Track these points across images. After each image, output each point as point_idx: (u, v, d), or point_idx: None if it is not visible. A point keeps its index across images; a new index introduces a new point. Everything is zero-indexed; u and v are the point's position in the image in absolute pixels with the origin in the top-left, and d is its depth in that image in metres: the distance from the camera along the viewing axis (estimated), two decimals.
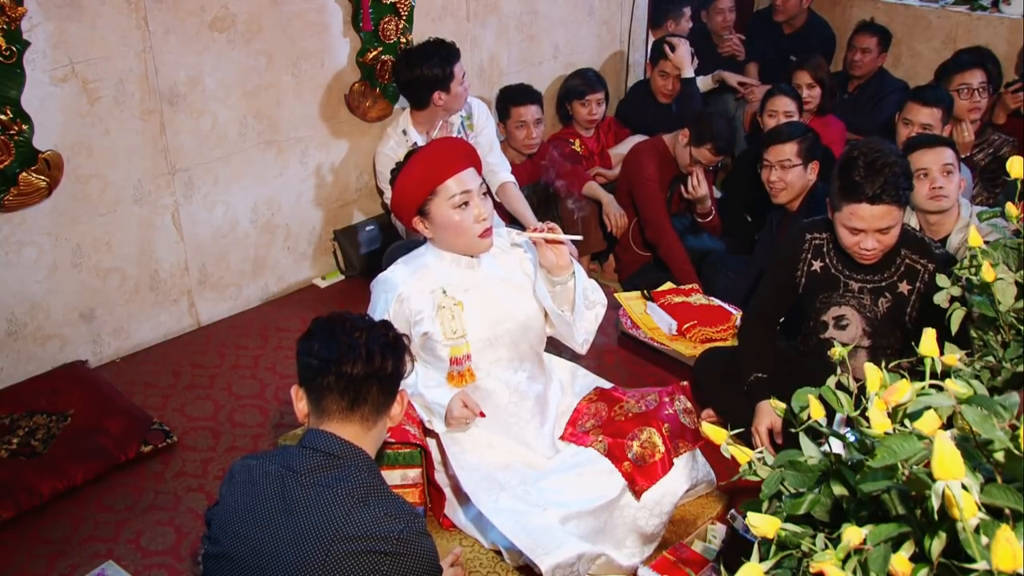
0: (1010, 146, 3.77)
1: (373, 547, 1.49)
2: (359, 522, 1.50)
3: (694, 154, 3.67)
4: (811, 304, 2.63)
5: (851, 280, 2.54)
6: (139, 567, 2.37)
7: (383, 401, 1.65)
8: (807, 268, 2.60)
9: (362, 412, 1.62)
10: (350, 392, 1.61)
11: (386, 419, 1.68)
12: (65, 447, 2.67)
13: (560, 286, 2.24)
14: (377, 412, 1.65)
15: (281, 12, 3.33)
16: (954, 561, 0.95)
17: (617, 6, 4.73)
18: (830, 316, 2.60)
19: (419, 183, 2.14)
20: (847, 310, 2.57)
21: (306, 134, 3.57)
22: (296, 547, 1.50)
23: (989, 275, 1.43)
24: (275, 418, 2.96)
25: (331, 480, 1.55)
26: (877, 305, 2.53)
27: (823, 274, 2.58)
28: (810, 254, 2.59)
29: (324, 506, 1.52)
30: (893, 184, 2.27)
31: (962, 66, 3.79)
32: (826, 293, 2.59)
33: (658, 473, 2.21)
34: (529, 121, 3.81)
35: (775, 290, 2.70)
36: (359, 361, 1.61)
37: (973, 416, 1.00)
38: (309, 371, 1.64)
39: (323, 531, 1.50)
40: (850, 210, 2.34)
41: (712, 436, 1.27)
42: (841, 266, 2.55)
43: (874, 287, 2.52)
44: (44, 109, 2.81)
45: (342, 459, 1.58)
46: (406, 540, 1.51)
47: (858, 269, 2.52)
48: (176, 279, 3.35)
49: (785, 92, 3.82)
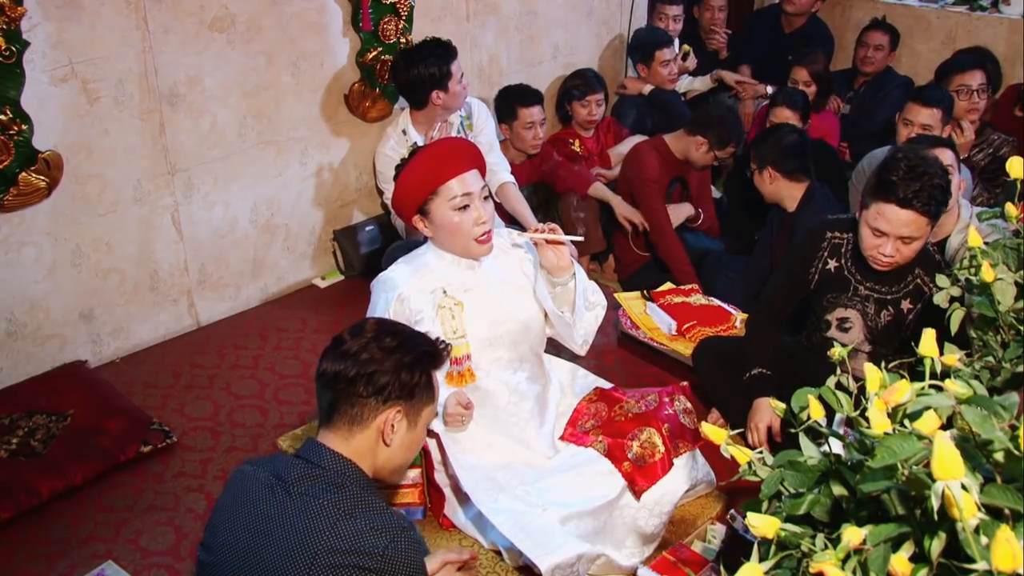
0: (1010, 146, 3.76)
1: (357, 562, 1.47)
2: (344, 535, 1.48)
3: (719, 156, 3.73)
4: (818, 302, 2.64)
5: (861, 285, 2.54)
6: (139, 567, 2.37)
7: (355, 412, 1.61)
8: (822, 266, 2.59)
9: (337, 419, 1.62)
10: (327, 393, 1.63)
11: (371, 434, 1.62)
12: (65, 447, 2.67)
13: (560, 287, 2.24)
14: (351, 422, 1.61)
15: (281, 12, 3.33)
16: (954, 561, 0.95)
17: (617, 6, 4.73)
18: (834, 317, 2.60)
19: (421, 181, 2.14)
20: (852, 313, 2.57)
21: (306, 134, 3.57)
22: (280, 558, 1.49)
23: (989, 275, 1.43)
24: (275, 418, 2.96)
25: (318, 491, 1.54)
26: (879, 316, 2.54)
27: (836, 274, 2.57)
28: (827, 252, 2.58)
29: (310, 517, 1.50)
30: (927, 193, 2.24)
31: (962, 67, 3.79)
32: (834, 293, 2.59)
33: (658, 473, 2.21)
34: (537, 122, 3.82)
35: (789, 284, 2.69)
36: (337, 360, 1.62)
37: (973, 416, 1.00)
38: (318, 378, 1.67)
39: (307, 543, 1.48)
40: (878, 209, 2.30)
41: (712, 436, 1.27)
42: (855, 269, 2.54)
43: (879, 298, 2.52)
44: (44, 109, 2.81)
45: (327, 471, 1.57)
46: (390, 557, 1.49)
47: (870, 276, 2.51)
48: (176, 279, 3.35)
49: (788, 103, 3.80)
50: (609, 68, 4.76)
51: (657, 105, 4.41)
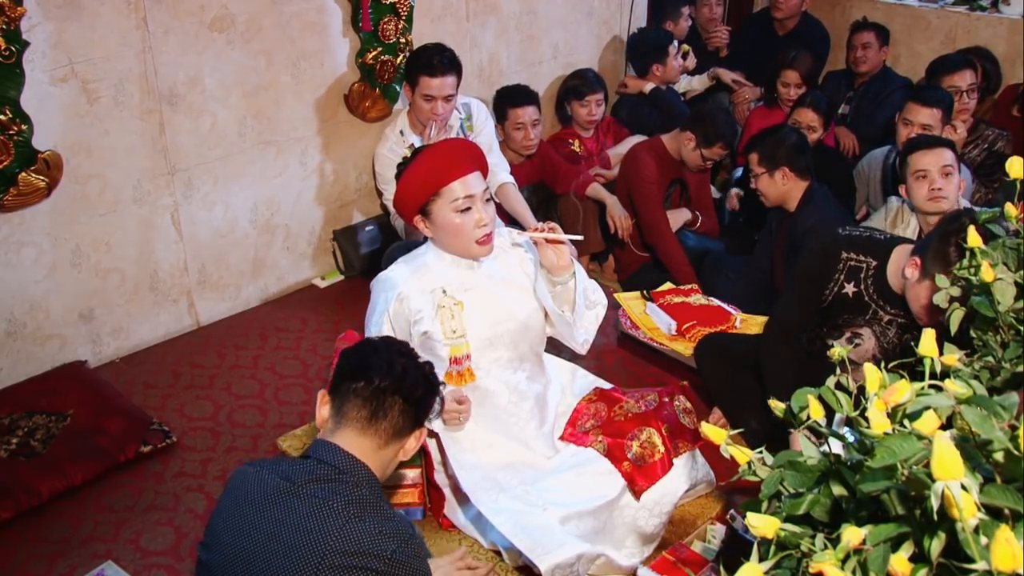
0: (1004, 140, 3.76)
1: (365, 564, 1.48)
2: (352, 537, 1.49)
3: (705, 155, 3.70)
4: (830, 318, 2.54)
5: (882, 311, 2.44)
6: (138, 567, 2.37)
7: (403, 425, 1.65)
8: (838, 289, 2.47)
9: (379, 427, 1.62)
10: (372, 402, 1.62)
11: (399, 448, 1.67)
12: (64, 447, 2.67)
13: (561, 286, 2.24)
14: (394, 433, 1.64)
15: (281, 12, 3.33)
16: (954, 561, 0.95)
17: (617, 6, 4.73)
18: (848, 331, 2.53)
19: (424, 183, 2.14)
20: (866, 332, 2.49)
21: (305, 134, 3.57)
22: (288, 558, 1.49)
23: (988, 275, 1.43)
24: (275, 418, 2.96)
25: (327, 493, 1.54)
26: (899, 340, 2.44)
27: (855, 299, 2.46)
28: (844, 276, 2.45)
29: (319, 519, 1.51)
30: None
31: (951, 68, 3.79)
32: (851, 315, 2.49)
33: (658, 473, 2.21)
34: (527, 123, 3.79)
35: (802, 307, 2.56)
36: (391, 375, 1.63)
37: (972, 416, 1.00)
38: (341, 375, 1.66)
39: (316, 544, 1.48)
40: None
41: (712, 436, 1.27)
42: (877, 296, 2.42)
43: (904, 323, 2.41)
44: (43, 109, 2.81)
45: (344, 472, 1.58)
46: (398, 561, 1.50)
47: (895, 303, 2.39)
48: (175, 279, 3.35)
49: (814, 106, 3.77)
50: (609, 68, 4.76)
51: (658, 104, 4.41)
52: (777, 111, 4.19)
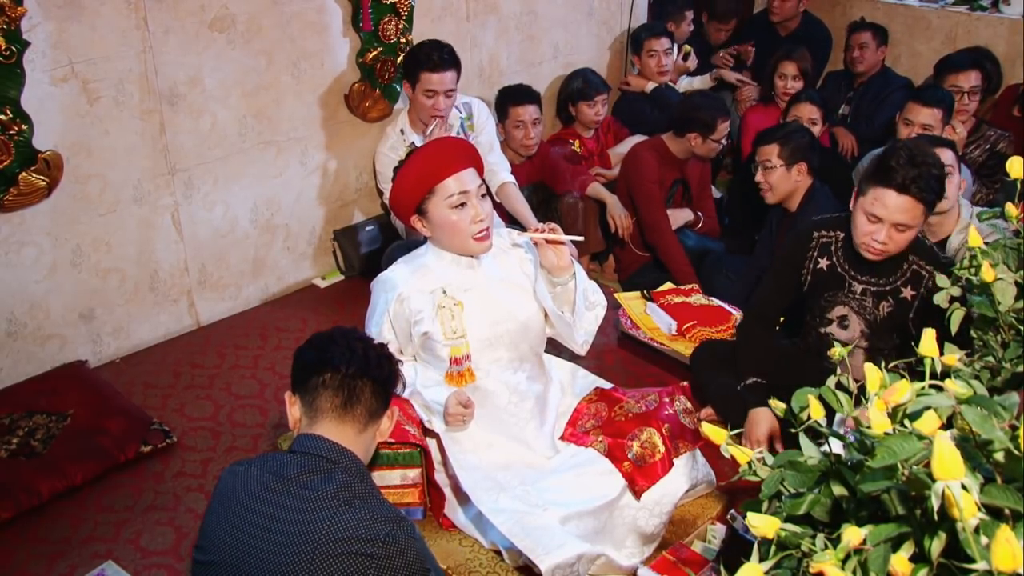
0: (1006, 141, 3.76)
1: (358, 549, 1.48)
2: (344, 524, 1.50)
3: (715, 139, 3.71)
4: (815, 301, 2.63)
5: (855, 281, 2.54)
6: (139, 567, 2.37)
7: (376, 406, 1.67)
8: (813, 266, 2.59)
9: (355, 412, 1.64)
10: (344, 390, 1.63)
11: (375, 430, 1.70)
12: (65, 447, 2.67)
13: (561, 287, 2.24)
14: (370, 416, 1.66)
15: (281, 12, 3.33)
16: (954, 561, 0.95)
17: (617, 6, 4.73)
18: (834, 315, 2.60)
19: (418, 181, 2.15)
20: (848, 310, 2.57)
21: (306, 134, 3.57)
22: (282, 552, 1.49)
23: (989, 275, 1.43)
24: (275, 418, 2.96)
25: (317, 483, 1.55)
26: (878, 309, 2.52)
27: (829, 272, 2.57)
28: (816, 252, 2.59)
29: (309, 509, 1.52)
30: (925, 180, 2.28)
31: (957, 67, 3.79)
32: (831, 291, 2.59)
33: (658, 473, 2.21)
34: (527, 121, 3.80)
35: (778, 289, 2.70)
36: (354, 361, 1.65)
37: (973, 416, 1.00)
38: (304, 371, 1.67)
39: (308, 534, 1.49)
40: (875, 194, 2.33)
41: (712, 436, 1.27)
42: (848, 265, 2.54)
43: (877, 290, 2.51)
44: (44, 109, 2.81)
45: (333, 462, 1.59)
46: (392, 544, 1.51)
47: (864, 270, 2.51)
48: (176, 279, 3.35)
49: (812, 99, 3.79)
50: (610, 68, 4.76)
51: (659, 103, 4.41)
52: (773, 108, 4.20)
